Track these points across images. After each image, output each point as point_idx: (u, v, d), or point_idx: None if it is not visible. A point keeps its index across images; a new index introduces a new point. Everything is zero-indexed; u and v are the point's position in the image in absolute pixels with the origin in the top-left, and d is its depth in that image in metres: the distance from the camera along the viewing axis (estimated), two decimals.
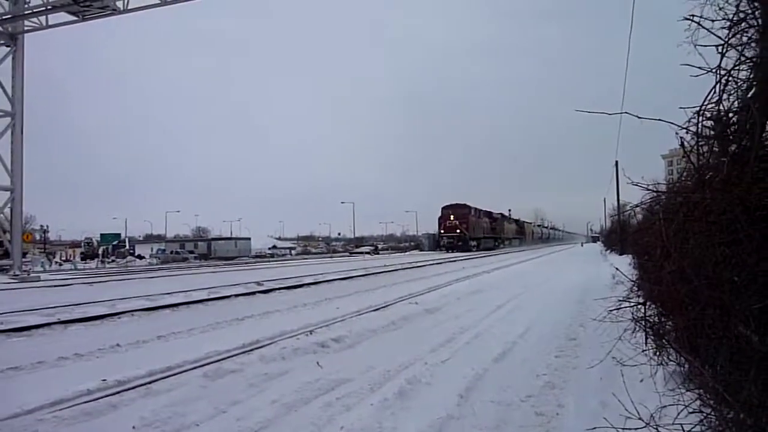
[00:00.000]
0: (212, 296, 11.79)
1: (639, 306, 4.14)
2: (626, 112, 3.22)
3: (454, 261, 34.36)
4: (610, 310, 4.29)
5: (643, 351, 4.08)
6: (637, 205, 4.26)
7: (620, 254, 26.66)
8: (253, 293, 12.82)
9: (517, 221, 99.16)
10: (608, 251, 36.09)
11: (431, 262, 31.10)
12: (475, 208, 67.52)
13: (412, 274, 20.21)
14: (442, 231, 64.63)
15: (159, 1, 20.69)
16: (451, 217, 63.06)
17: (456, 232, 62.50)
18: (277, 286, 14.18)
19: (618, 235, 30.99)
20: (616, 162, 36.79)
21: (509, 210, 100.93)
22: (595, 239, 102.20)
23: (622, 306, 4.26)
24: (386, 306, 10.48)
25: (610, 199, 54.69)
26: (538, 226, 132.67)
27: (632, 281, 5.05)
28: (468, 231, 62.65)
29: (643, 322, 4.03)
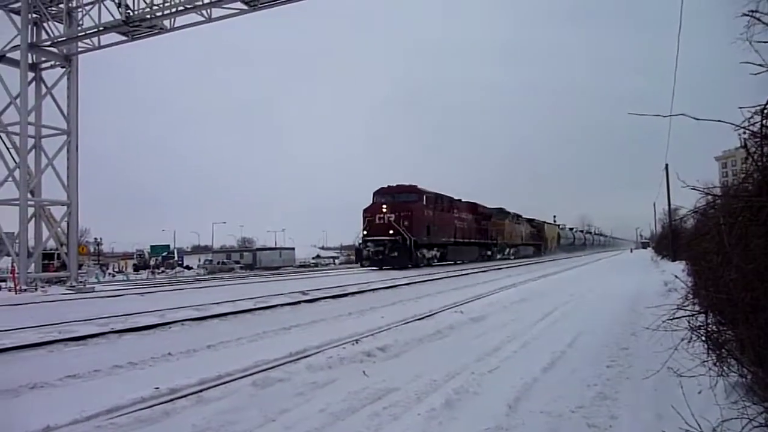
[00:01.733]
0: (259, 306, 11.94)
1: (696, 315, 3.99)
2: (682, 114, 3.11)
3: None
4: (666, 320, 4.14)
5: (703, 362, 3.92)
6: (695, 210, 4.11)
7: (672, 260, 25.86)
8: (299, 302, 12.93)
9: (531, 221, 69.17)
10: (660, 257, 35.04)
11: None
12: (435, 195, 37.82)
13: (456, 283, 20.05)
14: (365, 232, 34.49)
15: (203, 18, 21.27)
16: (383, 208, 33.80)
17: (388, 234, 32.90)
18: (322, 296, 14.26)
19: (670, 241, 30.07)
20: (666, 165, 35.76)
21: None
22: (644, 245, 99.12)
23: (678, 316, 4.11)
24: (431, 315, 10.41)
25: (660, 203, 53.13)
26: (570, 229, 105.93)
27: (689, 288, 4.87)
28: (413, 232, 33.06)
29: (700, 332, 3.87)
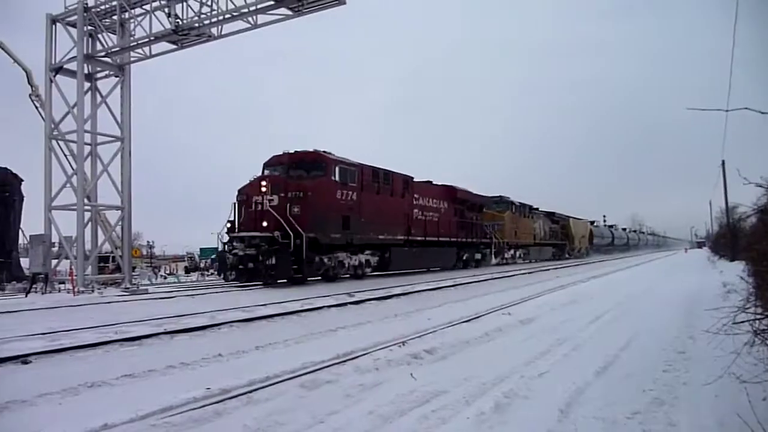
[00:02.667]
0: (305, 307, 12.03)
1: (761, 318, 3.80)
2: (746, 108, 2.95)
3: None
4: (731, 323, 3.96)
5: None
6: (759, 209, 3.92)
7: (731, 261, 24.94)
8: (345, 304, 12.99)
9: (551, 216, 53.26)
10: (717, 258, 33.79)
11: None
12: (362, 168, 23.36)
13: (502, 284, 19.81)
14: (229, 225, 20.61)
15: (250, 25, 21.66)
16: (263, 186, 19.60)
17: (262, 228, 19.32)
18: (367, 297, 14.28)
19: (728, 240, 28.94)
20: (723, 162, 34.49)
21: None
22: (700, 245, 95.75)
23: (740, 320, 3.93)
24: (478, 317, 10.31)
25: (717, 201, 51.16)
26: (610, 226, 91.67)
27: (751, 289, 4.66)
28: (307, 224, 19.43)
29: (765, 335, 3.70)
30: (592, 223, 73.45)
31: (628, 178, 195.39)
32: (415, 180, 27.79)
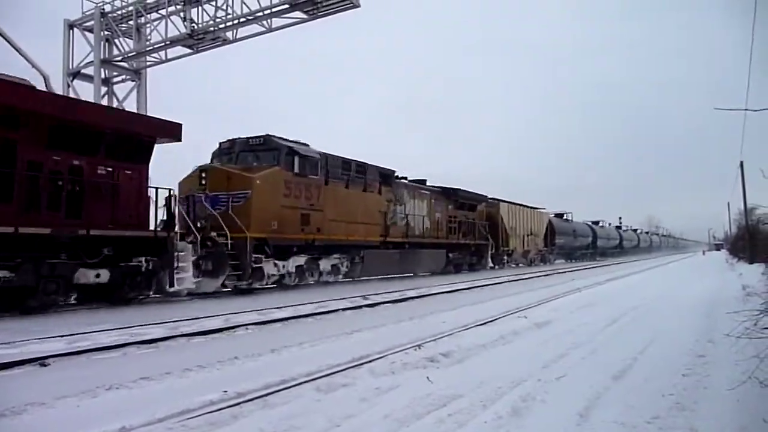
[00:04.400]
0: (320, 310, 12.03)
1: None
2: None
3: None
4: (753, 326, 3.90)
5: None
6: None
7: (750, 263, 24.64)
8: (360, 307, 12.97)
9: (453, 194, 28.25)
10: (735, 260, 33.40)
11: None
12: None
13: (518, 287, 19.70)
14: None
15: (264, 29, 21.80)
16: None
17: None
18: (382, 300, 14.26)
19: (746, 242, 28.58)
20: (741, 163, 34.10)
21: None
22: (718, 246, 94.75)
23: (765, 324, 3.86)
24: (494, 320, 10.26)
25: (735, 202, 50.42)
26: (594, 223, 62.50)
27: None
28: None
29: None
30: (561, 216, 51.10)
31: (645, 181, 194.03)
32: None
